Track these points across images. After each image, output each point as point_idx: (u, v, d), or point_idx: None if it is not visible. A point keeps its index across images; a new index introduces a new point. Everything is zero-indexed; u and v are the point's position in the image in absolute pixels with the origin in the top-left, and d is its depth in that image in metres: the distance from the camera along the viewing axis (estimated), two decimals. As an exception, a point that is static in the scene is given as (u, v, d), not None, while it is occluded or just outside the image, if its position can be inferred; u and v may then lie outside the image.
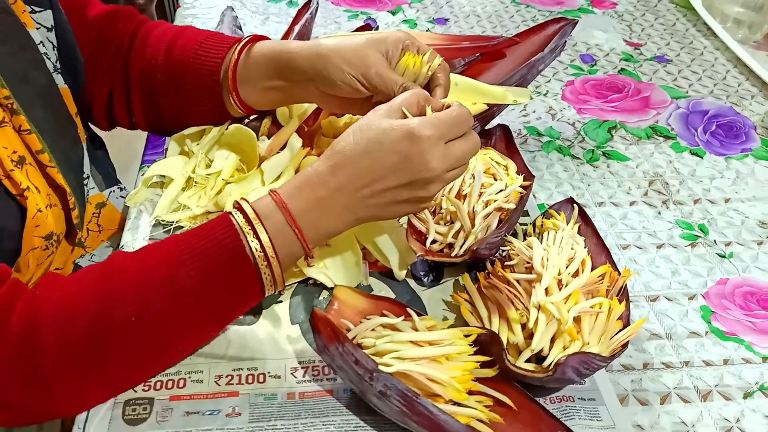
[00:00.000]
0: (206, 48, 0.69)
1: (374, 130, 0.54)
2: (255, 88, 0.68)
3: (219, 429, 0.53)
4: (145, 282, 0.50)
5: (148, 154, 0.81)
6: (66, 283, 0.51)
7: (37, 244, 0.57)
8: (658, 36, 1.11)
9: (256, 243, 0.51)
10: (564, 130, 0.88)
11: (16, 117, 0.56)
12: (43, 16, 0.64)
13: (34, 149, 0.57)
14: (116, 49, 0.72)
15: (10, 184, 0.54)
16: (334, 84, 0.63)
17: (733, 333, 0.62)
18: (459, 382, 0.50)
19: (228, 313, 0.55)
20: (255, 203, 0.53)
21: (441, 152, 0.53)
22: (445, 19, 1.14)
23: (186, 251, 0.51)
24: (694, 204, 0.77)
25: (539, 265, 0.58)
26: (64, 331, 0.48)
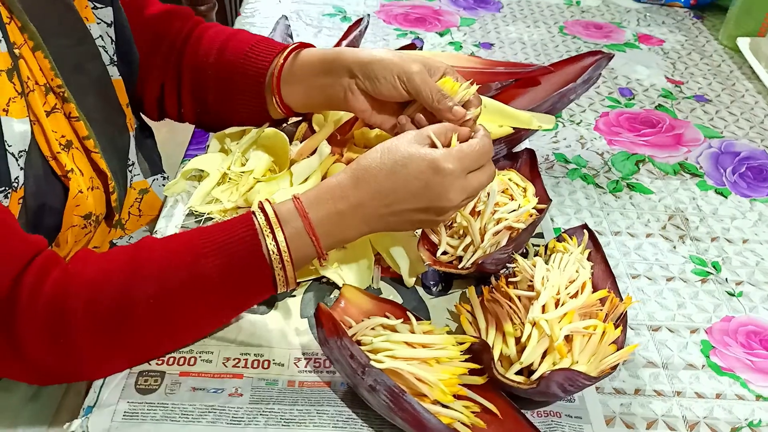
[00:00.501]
0: (256, 51, 0.74)
1: (401, 153, 0.57)
2: (297, 88, 0.72)
3: (221, 406, 0.57)
4: (168, 266, 0.54)
5: (191, 149, 0.87)
6: (98, 259, 0.56)
7: (76, 223, 0.62)
8: (701, 75, 1.11)
9: (273, 245, 0.55)
10: (591, 159, 0.90)
11: (67, 104, 0.61)
12: (104, 12, 0.70)
13: (81, 135, 0.63)
14: (170, 45, 0.77)
15: (56, 165, 0.60)
16: (376, 79, 0.65)
17: (730, 369, 0.63)
18: (446, 384, 0.53)
19: (240, 303, 0.59)
20: (278, 206, 0.57)
21: (461, 185, 0.57)
22: (490, 44, 1.17)
23: (209, 243, 0.55)
24: (711, 241, 0.78)
25: (539, 283, 0.60)
26: (92, 302, 0.53)
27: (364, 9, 1.24)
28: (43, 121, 0.60)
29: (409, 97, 0.66)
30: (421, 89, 0.64)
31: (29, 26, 0.60)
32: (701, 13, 1.32)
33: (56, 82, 0.61)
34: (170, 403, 0.56)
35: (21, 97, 0.57)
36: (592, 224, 0.79)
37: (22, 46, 0.60)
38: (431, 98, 0.64)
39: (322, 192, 0.57)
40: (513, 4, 1.31)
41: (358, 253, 0.69)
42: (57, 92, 0.61)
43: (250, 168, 0.76)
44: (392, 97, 0.66)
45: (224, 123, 0.80)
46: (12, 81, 0.57)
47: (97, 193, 0.65)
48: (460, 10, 1.27)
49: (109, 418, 0.55)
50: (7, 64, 0.57)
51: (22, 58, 0.60)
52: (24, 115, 0.57)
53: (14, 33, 0.59)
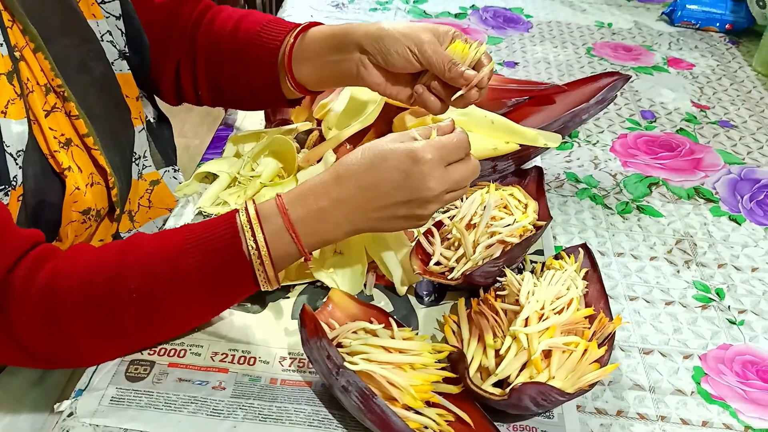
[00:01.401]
0: (267, 31, 0.75)
1: (380, 148, 0.59)
2: (309, 65, 0.73)
3: (203, 397, 0.58)
4: (152, 261, 0.56)
5: (208, 153, 0.90)
6: (91, 252, 0.58)
7: (74, 218, 0.65)
8: (729, 101, 1.09)
9: (252, 242, 0.56)
10: (603, 180, 0.89)
11: (68, 103, 0.64)
12: (112, 6, 0.73)
13: (81, 133, 0.66)
14: (182, 29, 0.79)
15: (54, 163, 0.63)
16: (387, 53, 0.66)
17: (720, 397, 0.62)
18: (417, 390, 0.54)
19: (223, 299, 0.60)
20: (260, 205, 0.58)
21: (440, 174, 0.58)
22: (514, 62, 1.17)
23: (191, 240, 0.57)
24: (718, 268, 0.76)
25: (524, 297, 0.60)
26: (82, 293, 0.55)
27: (393, 25, 1.26)
28: (42, 121, 0.62)
29: (421, 67, 0.67)
30: (432, 60, 0.65)
31: (30, 28, 0.63)
32: (737, 39, 1.30)
33: (56, 82, 0.64)
34: (155, 392, 0.59)
35: (20, 99, 0.60)
36: (595, 244, 0.78)
37: (23, 48, 0.63)
38: (443, 68, 0.65)
39: (304, 190, 0.59)
40: (543, 25, 1.31)
41: (352, 259, 0.70)
42: (57, 92, 0.64)
43: (258, 173, 0.79)
44: (405, 69, 0.67)
45: (241, 104, 0.83)
46: (12, 83, 0.60)
47: (98, 189, 0.68)
48: (489, 29, 1.28)
49: (96, 401, 0.58)
50: (8, 67, 0.60)
51: (23, 59, 0.63)
52: (22, 116, 0.60)
53: (16, 35, 0.62)
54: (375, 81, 0.69)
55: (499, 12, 1.35)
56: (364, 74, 0.69)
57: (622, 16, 1.37)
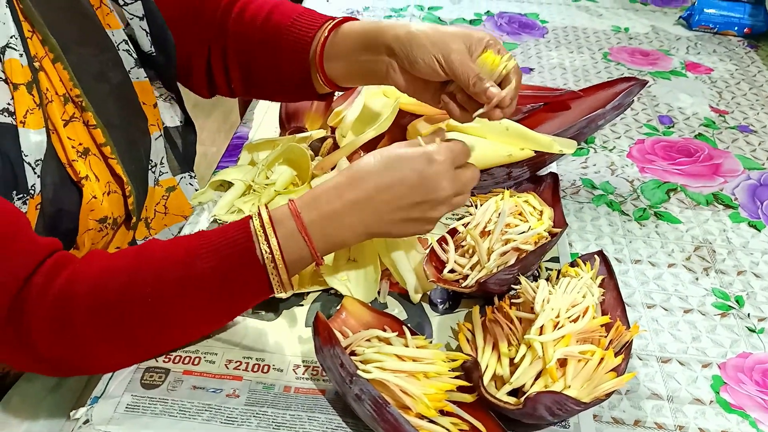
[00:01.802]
0: (299, 24, 0.75)
1: (395, 152, 0.61)
2: (340, 62, 0.72)
3: (217, 405, 0.59)
4: (165, 266, 0.57)
5: (224, 160, 0.90)
6: (105, 259, 0.59)
7: (91, 226, 0.66)
8: (748, 106, 1.08)
9: (266, 246, 0.56)
10: (620, 186, 0.88)
11: (85, 113, 0.65)
12: (134, 7, 0.73)
13: (98, 142, 0.66)
14: (209, 21, 0.78)
15: (72, 172, 0.63)
16: (415, 61, 0.65)
17: (740, 407, 0.60)
18: (430, 399, 0.53)
19: (236, 305, 0.60)
20: (273, 210, 0.59)
21: (451, 176, 0.60)
22: (530, 68, 1.17)
23: (205, 245, 0.57)
24: (737, 275, 0.75)
25: (539, 305, 0.60)
26: (96, 299, 0.56)
27: (408, 32, 1.26)
28: (60, 131, 0.63)
29: (447, 77, 0.66)
30: (458, 72, 0.64)
31: (50, 39, 0.64)
32: (756, 43, 1.28)
33: (75, 92, 0.65)
34: (170, 399, 0.59)
35: (39, 109, 0.61)
36: (612, 251, 0.78)
37: (42, 58, 0.64)
38: (468, 82, 0.63)
39: (317, 193, 0.59)
40: (558, 30, 1.31)
41: (366, 267, 0.70)
42: (75, 102, 0.65)
43: (272, 180, 0.79)
44: (431, 77, 0.66)
45: (273, 95, 0.83)
46: (31, 93, 0.60)
47: (115, 197, 0.68)
48: (504, 35, 1.28)
49: (112, 408, 0.58)
50: (27, 77, 0.60)
51: (42, 70, 0.63)
52: (41, 125, 0.60)
53: (35, 46, 0.63)
54: (403, 84, 0.69)
55: (514, 18, 1.35)
56: (393, 76, 0.69)
57: (639, 21, 1.36)
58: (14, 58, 0.60)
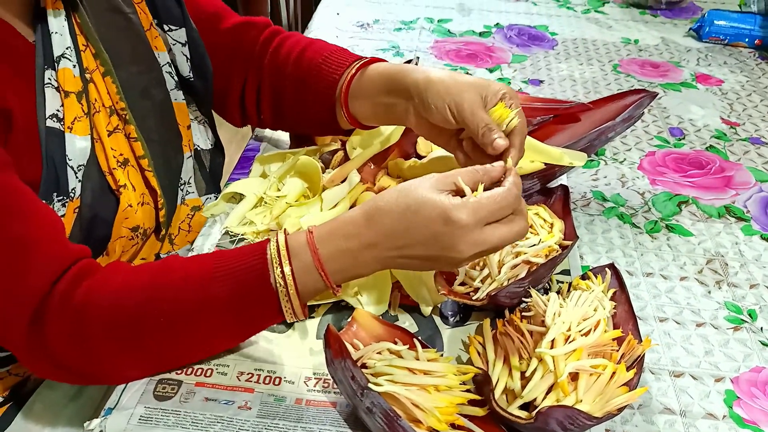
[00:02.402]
0: (329, 63, 0.78)
1: (415, 197, 0.55)
2: (364, 102, 0.74)
3: (229, 417, 0.59)
4: (182, 287, 0.57)
5: (235, 172, 0.91)
6: (125, 272, 0.59)
7: (124, 234, 0.67)
8: (760, 117, 1.07)
9: (281, 277, 0.56)
10: (631, 199, 0.88)
11: (128, 126, 0.68)
12: (178, 33, 0.77)
13: (137, 154, 0.69)
14: (249, 53, 0.82)
15: (111, 180, 0.66)
16: (428, 108, 0.67)
17: (754, 422, 0.60)
18: (441, 412, 0.53)
19: (249, 327, 0.61)
20: (291, 238, 0.58)
21: (473, 238, 0.54)
22: (539, 80, 1.17)
23: (221, 268, 0.57)
24: (750, 288, 0.74)
25: (550, 318, 0.59)
26: (111, 314, 0.56)
27: (418, 45, 1.28)
28: (105, 140, 0.66)
29: (458, 125, 0.66)
30: (468, 122, 0.64)
31: (102, 54, 0.67)
32: (767, 54, 1.28)
33: (120, 105, 0.68)
34: (183, 411, 0.59)
35: (86, 117, 0.64)
36: (623, 264, 0.78)
37: (93, 71, 0.67)
38: (477, 132, 0.64)
39: (335, 228, 0.58)
40: (568, 42, 1.31)
41: (377, 280, 0.70)
42: (120, 114, 0.68)
43: (284, 193, 0.80)
44: (443, 124, 0.67)
45: (301, 129, 0.86)
46: (80, 102, 0.64)
47: (147, 209, 0.70)
48: (513, 47, 1.28)
49: (125, 420, 0.58)
50: (78, 86, 0.64)
51: (92, 81, 0.67)
52: (86, 133, 0.63)
53: (88, 59, 0.67)
54: (420, 128, 0.71)
55: (523, 30, 1.35)
56: (411, 120, 0.71)
57: (649, 33, 1.36)
58: (68, 68, 0.63)
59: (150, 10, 0.75)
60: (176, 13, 0.77)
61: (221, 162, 0.88)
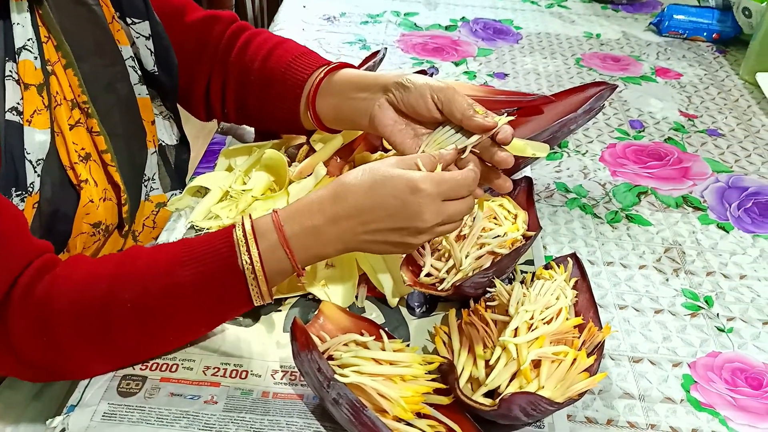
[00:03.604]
0: (298, 63, 0.78)
1: (381, 172, 0.59)
2: (331, 101, 0.75)
3: (195, 412, 0.59)
4: (148, 273, 0.57)
5: (201, 166, 0.90)
6: (88, 264, 0.59)
7: (85, 230, 0.66)
8: (717, 110, 1.10)
9: (247, 257, 0.56)
10: (593, 190, 0.90)
11: (90, 119, 0.67)
12: (142, 26, 0.76)
13: (100, 149, 0.68)
14: (215, 49, 0.82)
15: (72, 175, 0.65)
16: (409, 95, 0.68)
17: (710, 405, 0.62)
18: (407, 402, 0.54)
19: (218, 313, 0.61)
20: (256, 221, 0.59)
21: (436, 208, 0.58)
22: (504, 74, 1.18)
23: (188, 254, 0.57)
24: (706, 276, 0.77)
25: (513, 308, 0.61)
26: (76, 304, 0.56)
27: (384, 38, 1.28)
28: (66, 134, 0.65)
29: (437, 114, 0.67)
30: (453, 101, 0.66)
31: (64, 46, 0.66)
32: (724, 48, 1.31)
33: (82, 98, 0.67)
34: (147, 407, 0.59)
35: (46, 110, 0.63)
36: (585, 254, 0.79)
37: (55, 63, 0.66)
38: (464, 106, 0.66)
39: (300, 206, 0.59)
40: (532, 36, 1.32)
41: (344, 273, 0.71)
42: (82, 108, 0.67)
43: (249, 186, 0.79)
44: (420, 109, 0.68)
45: (264, 126, 0.86)
46: (41, 95, 0.63)
47: (109, 204, 0.69)
48: (479, 41, 1.30)
49: (88, 417, 0.58)
50: (39, 79, 0.63)
51: (54, 74, 0.66)
52: (46, 126, 0.62)
53: (50, 51, 0.66)
54: (385, 122, 0.70)
55: (489, 24, 1.36)
56: (377, 114, 0.70)
57: (610, 27, 1.38)
58: (28, 60, 0.62)
59: (112, 3, 0.74)
60: (139, 6, 0.76)
61: (186, 158, 0.88)
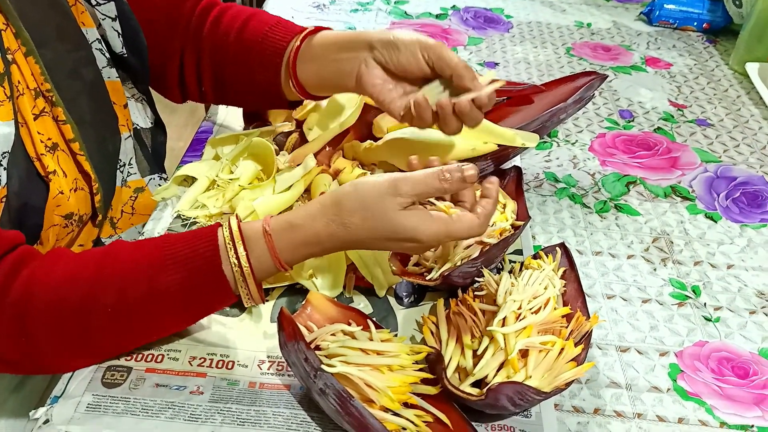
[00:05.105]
0: (275, 32, 0.75)
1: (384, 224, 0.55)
2: (313, 66, 0.72)
3: (181, 403, 0.58)
4: (129, 277, 0.56)
5: (188, 155, 0.89)
6: (68, 260, 0.58)
7: (57, 222, 0.65)
8: (706, 100, 1.10)
9: (235, 260, 0.55)
10: (582, 179, 0.90)
11: (56, 108, 0.65)
12: (107, 7, 0.73)
13: (67, 138, 0.66)
14: (185, 27, 0.79)
15: (40, 166, 0.63)
16: (397, 49, 0.66)
17: (696, 394, 0.62)
18: (395, 392, 0.54)
19: (200, 314, 0.60)
20: (245, 225, 0.57)
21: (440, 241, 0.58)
22: (495, 63, 1.18)
23: (170, 256, 0.56)
24: (694, 266, 0.77)
25: (501, 297, 0.60)
26: (54, 303, 0.55)
27: (374, 26, 1.27)
28: (30, 124, 0.63)
29: (427, 70, 0.66)
30: (444, 54, 0.64)
31: (23, 33, 0.63)
32: (714, 38, 1.31)
33: (46, 86, 0.64)
34: (132, 398, 0.58)
35: (8, 101, 0.60)
36: (574, 243, 0.79)
37: (15, 51, 0.63)
38: (456, 62, 0.63)
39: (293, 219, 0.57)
40: (523, 25, 1.32)
41: (332, 262, 0.70)
42: (46, 96, 0.65)
43: (236, 175, 0.79)
44: (410, 66, 0.66)
45: (244, 103, 0.84)
46: (2, 85, 0.60)
47: (81, 194, 0.67)
48: (470, 29, 1.29)
49: (72, 408, 0.57)
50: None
51: (14, 63, 0.63)
52: (9, 117, 0.60)
53: (9, 39, 0.63)
54: (373, 82, 0.68)
55: (479, 12, 1.35)
56: (364, 73, 0.68)
57: (601, 16, 1.38)
58: None
59: None
60: None
61: (163, 140, 0.85)
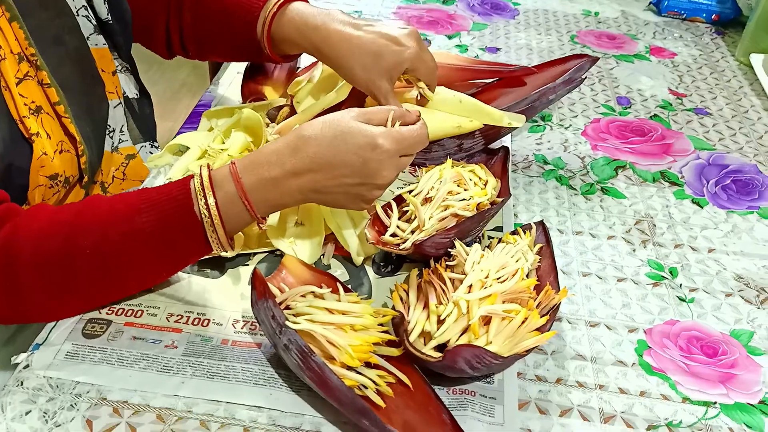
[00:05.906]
0: None
1: (343, 127, 0.61)
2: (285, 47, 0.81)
3: (155, 355, 0.61)
4: (107, 220, 0.58)
5: (185, 127, 0.92)
6: (50, 212, 0.60)
7: (42, 182, 0.67)
8: (707, 89, 1.10)
9: (204, 206, 0.58)
10: (571, 162, 0.90)
11: (40, 72, 0.67)
12: None
13: (52, 101, 0.68)
14: None
15: (23, 128, 0.65)
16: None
17: (661, 370, 0.63)
18: (355, 350, 0.55)
19: (177, 260, 0.62)
20: (214, 171, 0.60)
21: (394, 164, 0.62)
22: (497, 48, 1.18)
23: (146, 201, 0.59)
24: (674, 248, 0.77)
25: (469, 266, 0.62)
26: (38, 250, 0.57)
27: (380, 10, 1.28)
28: (13, 88, 0.65)
29: None
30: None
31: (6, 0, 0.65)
32: (723, 29, 1.30)
33: (30, 50, 0.66)
34: (109, 348, 0.61)
35: None
36: (555, 223, 0.80)
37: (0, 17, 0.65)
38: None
39: (258, 157, 0.61)
40: (529, 12, 1.32)
41: (312, 231, 0.72)
42: (30, 60, 0.67)
43: (227, 146, 0.81)
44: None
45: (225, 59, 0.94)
46: None
47: (67, 156, 0.70)
48: (475, 15, 1.29)
49: (52, 355, 0.60)
50: None
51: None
52: None
53: None
54: None
55: (487, -1, 1.36)
56: None
57: (609, 6, 1.37)
58: None
59: None
60: None
61: (150, 112, 0.88)
